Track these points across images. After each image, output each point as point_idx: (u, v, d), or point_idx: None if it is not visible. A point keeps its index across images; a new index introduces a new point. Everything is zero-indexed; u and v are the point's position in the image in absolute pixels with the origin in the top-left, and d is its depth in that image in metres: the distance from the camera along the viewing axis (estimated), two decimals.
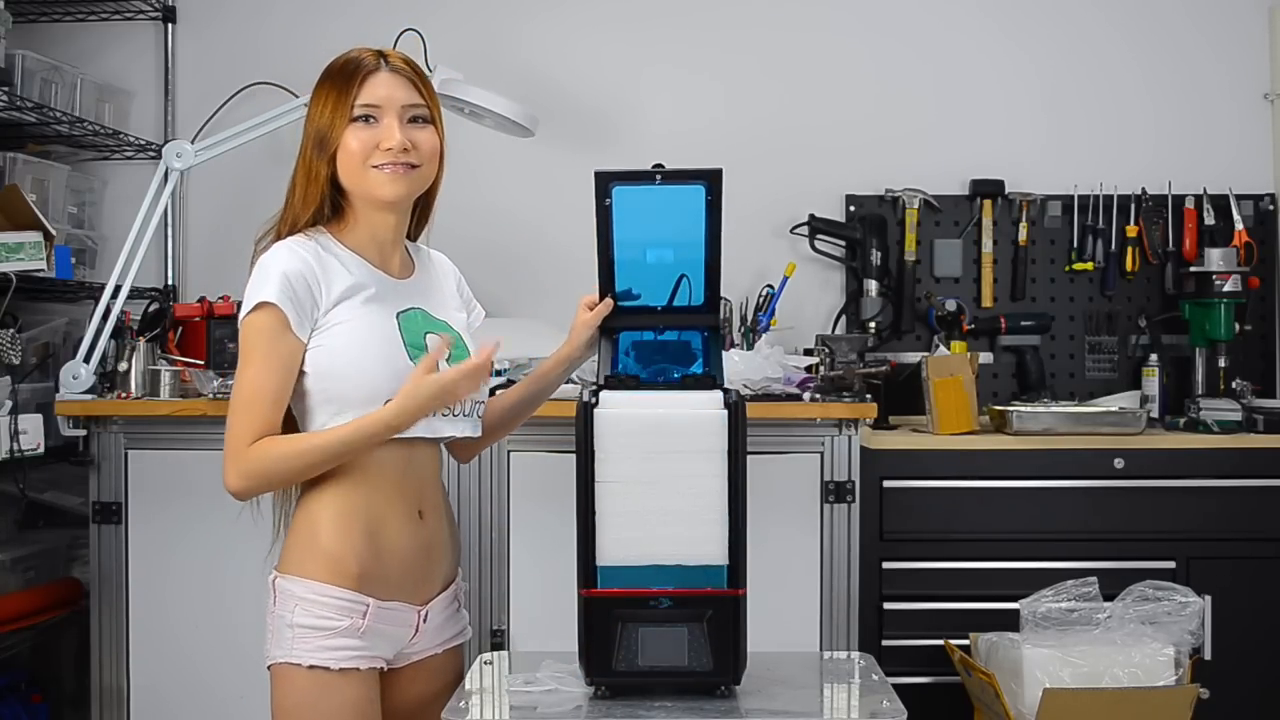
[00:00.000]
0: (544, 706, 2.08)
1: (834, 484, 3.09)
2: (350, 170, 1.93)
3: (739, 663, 2.09)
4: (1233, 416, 3.39)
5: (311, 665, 1.84)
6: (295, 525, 1.92)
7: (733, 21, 3.87)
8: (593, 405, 2.07)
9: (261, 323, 1.85)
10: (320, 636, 1.85)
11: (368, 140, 1.91)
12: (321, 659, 1.84)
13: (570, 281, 2.51)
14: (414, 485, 1.97)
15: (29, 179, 3.38)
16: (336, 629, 1.86)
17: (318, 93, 1.95)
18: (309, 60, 2.13)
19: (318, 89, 1.96)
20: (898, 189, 3.81)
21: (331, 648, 1.85)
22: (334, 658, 1.85)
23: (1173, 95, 3.86)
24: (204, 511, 3.08)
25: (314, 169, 1.93)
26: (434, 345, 1.91)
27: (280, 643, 1.87)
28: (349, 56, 1.96)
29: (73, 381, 3.13)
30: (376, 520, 1.92)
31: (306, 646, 1.85)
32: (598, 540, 2.08)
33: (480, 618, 3.10)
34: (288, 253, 1.88)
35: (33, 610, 3.25)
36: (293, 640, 1.85)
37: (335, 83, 1.93)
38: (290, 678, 1.86)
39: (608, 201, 2.10)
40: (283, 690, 1.87)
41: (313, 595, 1.86)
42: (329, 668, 1.85)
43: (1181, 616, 2.90)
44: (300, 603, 1.86)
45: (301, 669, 1.84)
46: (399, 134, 1.91)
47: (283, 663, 1.86)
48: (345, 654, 1.86)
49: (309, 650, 1.85)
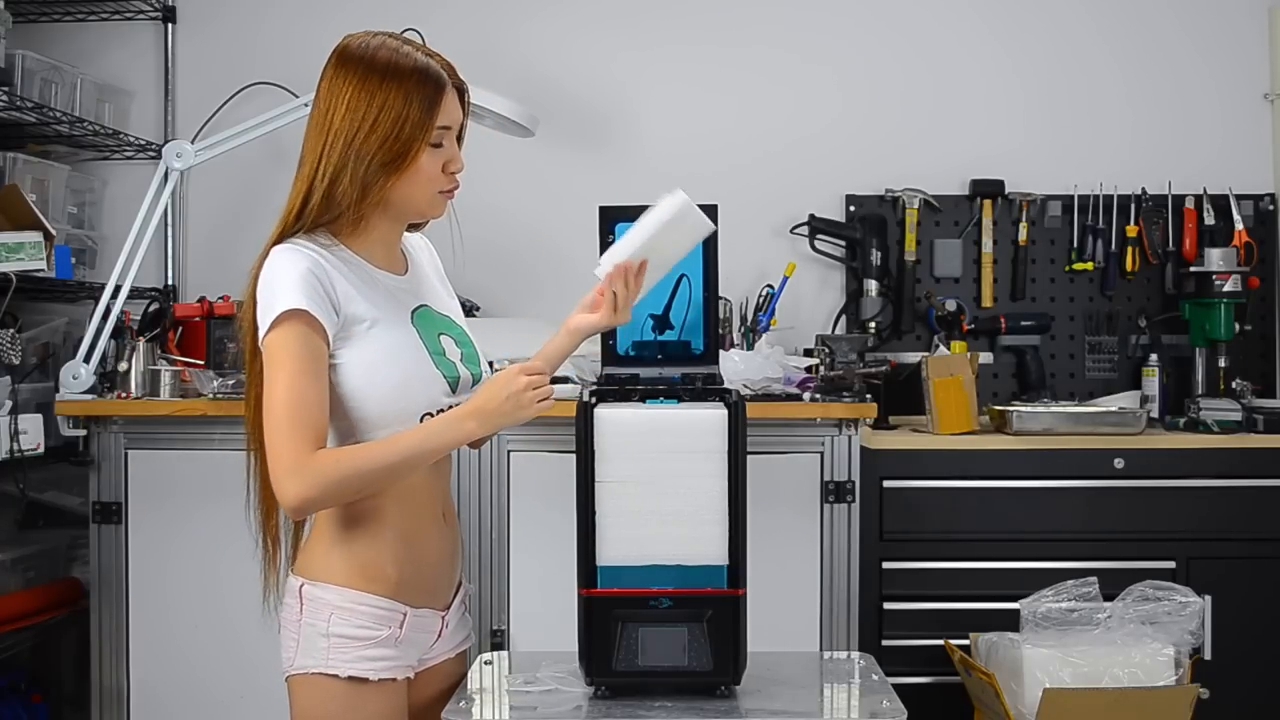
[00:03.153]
0: (544, 706, 2.08)
1: (834, 484, 3.09)
2: (415, 188, 1.84)
3: (739, 663, 2.09)
4: (1233, 416, 3.39)
5: (350, 676, 1.79)
6: (320, 530, 1.85)
7: (733, 21, 3.87)
8: (593, 405, 2.07)
9: (291, 329, 1.73)
10: (359, 646, 1.80)
11: (439, 163, 1.84)
12: (360, 669, 1.79)
13: (570, 281, 2.51)
14: (440, 487, 1.95)
15: (29, 179, 3.37)
16: (375, 639, 1.81)
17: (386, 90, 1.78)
18: (309, 60, 2.12)
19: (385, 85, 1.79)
20: (898, 189, 3.81)
21: (370, 658, 1.80)
22: (373, 668, 1.80)
23: (1173, 95, 3.86)
24: (204, 511, 3.08)
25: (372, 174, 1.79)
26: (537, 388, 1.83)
27: (312, 652, 1.80)
28: (424, 65, 1.81)
29: (73, 381, 3.13)
30: (409, 525, 1.87)
31: (344, 656, 1.79)
32: (598, 540, 2.08)
33: (480, 618, 3.10)
34: (300, 256, 1.77)
35: (33, 610, 3.25)
36: (328, 650, 1.79)
37: (419, 94, 1.79)
38: (323, 688, 1.79)
39: (611, 238, 2.12)
40: (314, 700, 1.80)
41: (349, 604, 1.80)
42: (368, 678, 1.80)
43: (1181, 616, 2.90)
44: (336, 611, 1.80)
45: (338, 680, 1.79)
46: (461, 159, 1.86)
47: (315, 673, 1.79)
48: (383, 664, 1.81)
49: (347, 661, 1.79)
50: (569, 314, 2.11)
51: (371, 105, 1.78)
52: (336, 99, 1.81)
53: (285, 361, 1.72)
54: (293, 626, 1.83)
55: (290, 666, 1.83)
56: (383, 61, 1.80)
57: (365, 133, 1.78)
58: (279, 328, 1.74)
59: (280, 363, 1.72)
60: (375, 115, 1.78)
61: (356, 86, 1.80)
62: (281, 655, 1.86)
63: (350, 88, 1.80)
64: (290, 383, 1.72)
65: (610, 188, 2.84)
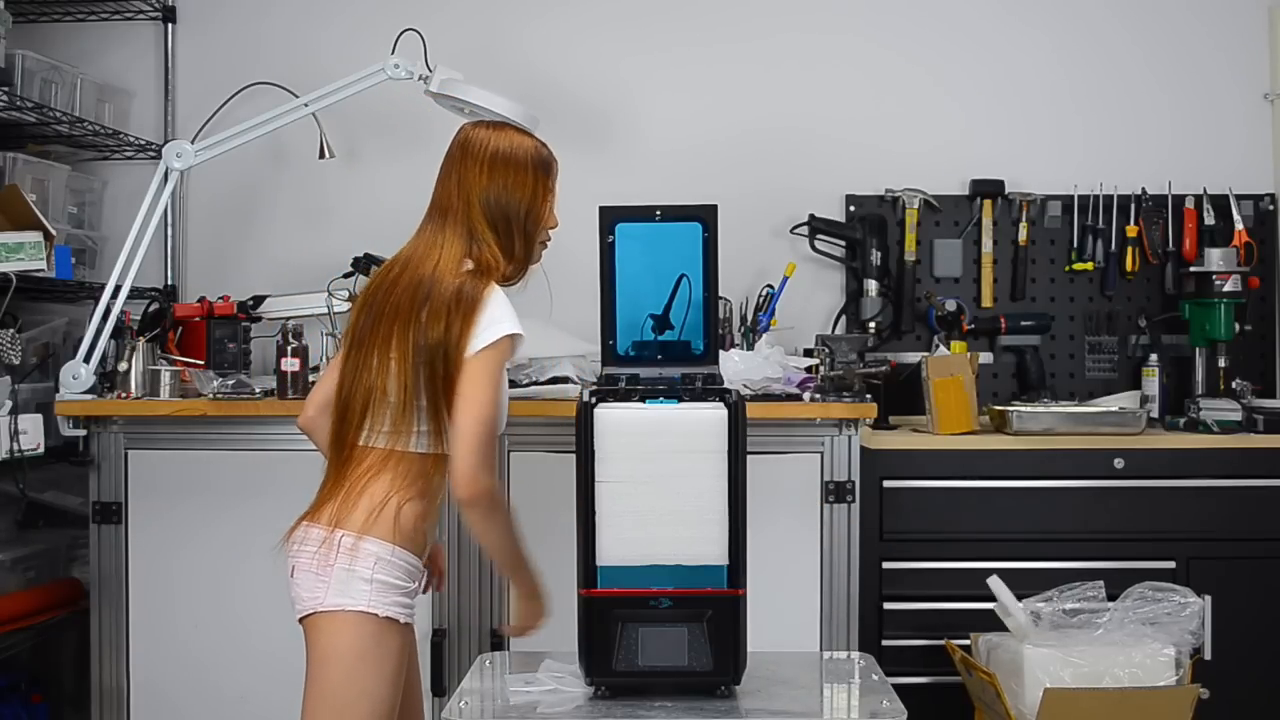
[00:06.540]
0: (544, 706, 2.09)
1: (834, 484, 3.09)
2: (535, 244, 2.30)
3: (739, 663, 2.10)
4: (1233, 416, 3.39)
5: (387, 616, 2.10)
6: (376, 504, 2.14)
7: (733, 21, 3.87)
8: (593, 405, 2.07)
9: (508, 351, 2.14)
10: (396, 593, 2.12)
11: (550, 222, 2.30)
12: (394, 612, 2.11)
13: (570, 281, 2.51)
14: (444, 495, 2.27)
15: (29, 179, 3.37)
16: (407, 589, 2.14)
17: (525, 176, 2.24)
18: (309, 60, 2.13)
19: (525, 172, 2.24)
20: (898, 189, 3.81)
21: (402, 604, 2.13)
22: (403, 612, 2.13)
23: (1173, 95, 3.86)
24: (204, 511, 3.09)
25: (515, 239, 2.24)
26: None
27: (352, 593, 2.10)
28: (546, 155, 2.30)
29: (73, 381, 3.13)
30: (431, 517, 2.23)
31: (385, 600, 2.10)
32: (598, 540, 2.09)
33: (480, 618, 3.10)
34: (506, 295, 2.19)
35: (33, 610, 3.25)
36: (370, 593, 2.09)
37: (538, 171, 2.27)
38: (360, 624, 2.09)
39: (611, 238, 2.26)
40: (351, 633, 2.10)
41: (393, 558, 2.11)
42: (398, 619, 2.12)
43: (1181, 617, 2.90)
44: (382, 562, 2.10)
45: (376, 618, 2.09)
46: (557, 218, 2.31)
47: (353, 610, 2.09)
48: (409, 611, 2.15)
49: (386, 603, 2.10)
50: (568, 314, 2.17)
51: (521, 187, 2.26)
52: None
53: (497, 376, 2.13)
54: (334, 572, 2.11)
55: (320, 605, 2.11)
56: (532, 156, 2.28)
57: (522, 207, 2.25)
58: (505, 341, 2.12)
59: (493, 375, 2.12)
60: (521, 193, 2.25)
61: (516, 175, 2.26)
62: (303, 595, 2.14)
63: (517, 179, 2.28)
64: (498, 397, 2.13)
65: (611, 188, 2.84)
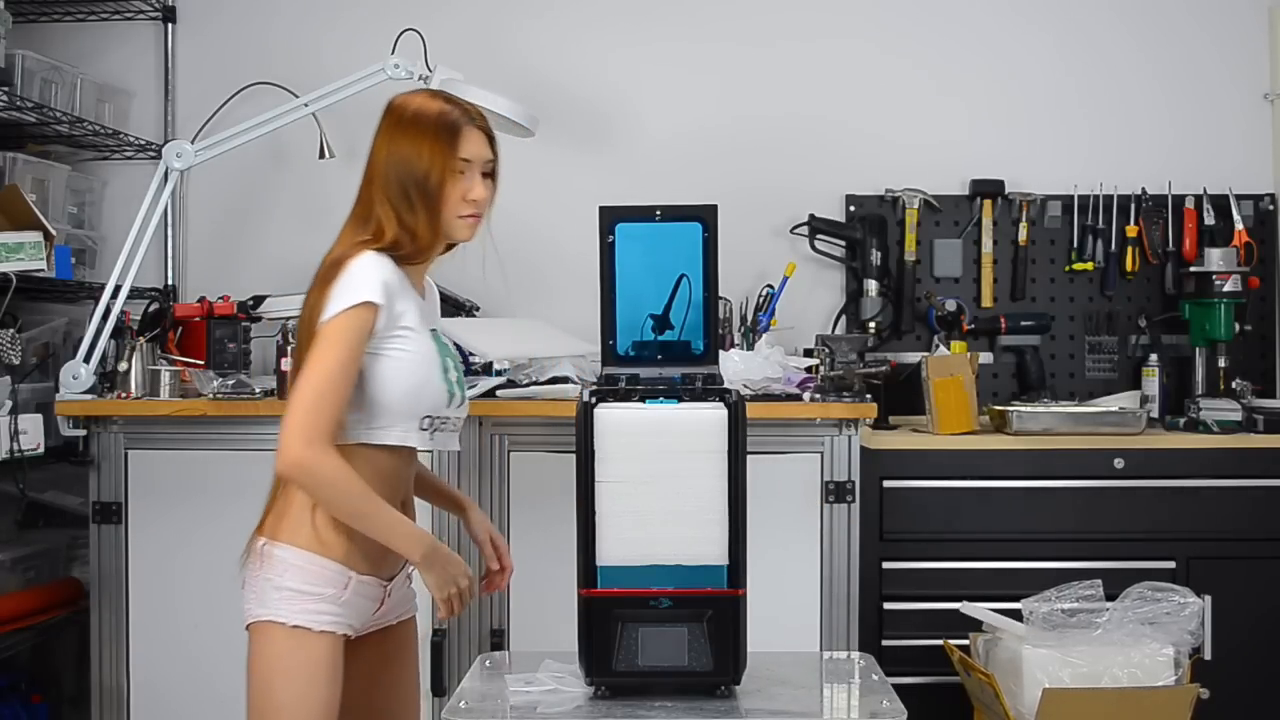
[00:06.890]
0: (544, 706, 2.09)
1: (834, 484, 3.09)
2: (443, 214, 2.12)
3: (739, 663, 2.10)
4: (1233, 416, 3.39)
5: (295, 625, 2.00)
6: (291, 501, 2.05)
7: (733, 21, 3.87)
8: (593, 405, 2.07)
9: (360, 319, 1.99)
10: (306, 600, 2.01)
11: (461, 191, 2.12)
12: (304, 620, 2.00)
13: (570, 281, 2.51)
14: (403, 484, 2.14)
15: (29, 179, 3.37)
16: (321, 595, 2.01)
17: (411, 137, 2.09)
18: (309, 60, 2.14)
19: (409, 133, 2.10)
20: (898, 189, 3.81)
21: (314, 611, 2.01)
22: (315, 620, 2.00)
23: (1173, 95, 3.86)
24: (204, 511, 3.08)
25: (416, 207, 2.09)
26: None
27: (265, 602, 2.02)
28: (443, 110, 2.13)
29: (73, 381, 3.13)
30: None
31: (293, 608, 2.00)
32: (598, 540, 2.09)
33: (480, 618, 3.10)
34: (383, 264, 2.04)
35: (33, 610, 3.25)
36: (279, 601, 2.01)
37: (438, 134, 2.10)
38: (271, 634, 2.01)
39: (611, 238, 2.24)
40: (263, 645, 2.02)
41: (303, 563, 2.01)
42: (310, 628, 2.00)
43: (1181, 617, 2.89)
44: (290, 569, 2.01)
45: (285, 627, 2.00)
46: (481, 189, 2.14)
47: (266, 620, 2.01)
48: (325, 618, 2.01)
49: (294, 611, 2.00)
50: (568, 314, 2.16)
51: (404, 148, 2.11)
52: None
53: (339, 343, 1.98)
54: (254, 581, 2.05)
55: (249, 616, 2.05)
56: (415, 114, 2.13)
57: (404, 171, 2.10)
58: (354, 310, 1.99)
59: (335, 344, 1.98)
60: (405, 152, 2.10)
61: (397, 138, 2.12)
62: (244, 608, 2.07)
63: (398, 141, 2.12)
64: (338, 365, 1.97)
65: (610, 188, 2.85)
